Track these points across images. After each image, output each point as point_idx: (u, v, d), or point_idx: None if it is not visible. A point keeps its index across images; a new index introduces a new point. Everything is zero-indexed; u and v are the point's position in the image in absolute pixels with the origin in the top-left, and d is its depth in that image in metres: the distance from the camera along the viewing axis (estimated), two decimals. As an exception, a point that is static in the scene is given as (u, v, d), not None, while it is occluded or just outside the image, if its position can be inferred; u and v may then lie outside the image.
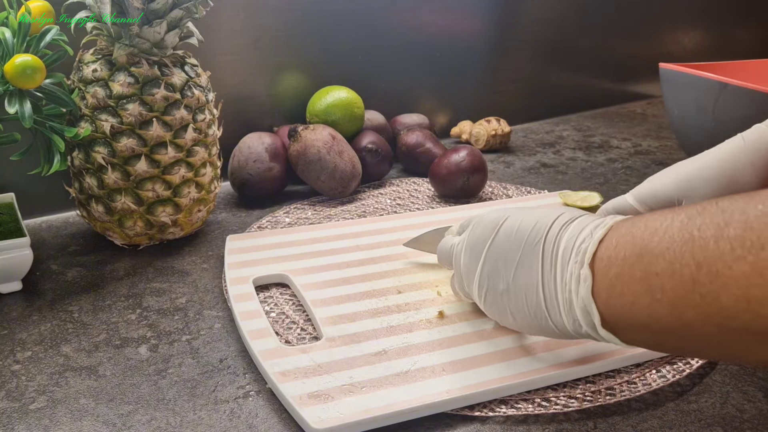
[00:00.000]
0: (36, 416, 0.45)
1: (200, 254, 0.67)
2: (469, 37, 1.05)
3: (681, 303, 0.34)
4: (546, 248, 0.43)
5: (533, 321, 0.44)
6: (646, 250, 0.36)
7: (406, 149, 0.89)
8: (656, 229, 0.36)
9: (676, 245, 0.34)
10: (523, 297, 0.44)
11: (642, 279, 0.36)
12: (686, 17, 1.34)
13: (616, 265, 0.38)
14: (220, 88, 0.80)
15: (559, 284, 0.42)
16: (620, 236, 0.38)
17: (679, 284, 0.34)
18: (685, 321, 0.34)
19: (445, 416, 0.45)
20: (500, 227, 0.47)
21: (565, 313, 0.42)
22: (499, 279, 0.45)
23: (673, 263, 0.34)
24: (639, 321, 0.37)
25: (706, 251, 0.33)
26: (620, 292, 0.37)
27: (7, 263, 0.57)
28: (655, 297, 0.35)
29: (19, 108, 0.53)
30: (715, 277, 0.32)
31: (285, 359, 0.48)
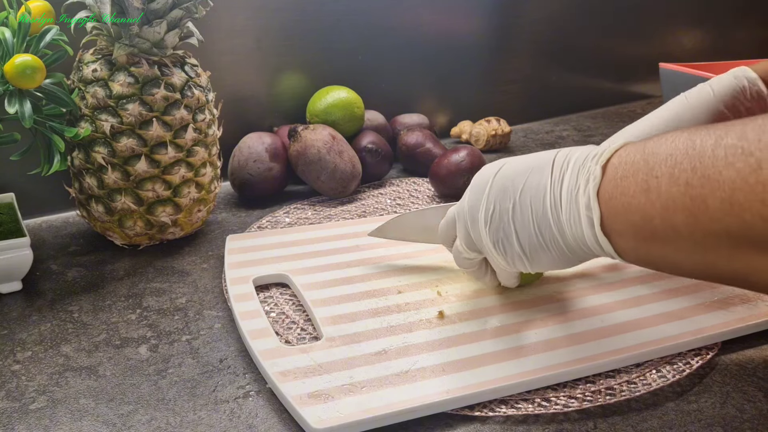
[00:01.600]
0: (36, 416, 0.45)
1: (200, 254, 0.67)
2: (469, 37, 1.05)
3: (672, 205, 0.37)
4: (555, 165, 0.46)
5: (536, 234, 0.46)
6: (652, 156, 0.39)
7: (406, 149, 0.89)
8: (665, 140, 0.39)
9: (679, 152, 0.37)
10: (528, 210, 0.46)
11: (643, 181, 0.39)
12: (686, 17, 1.34)
13: (624, 168, 0.40)
14: (220, 88, 0.80)
15: (566, 187, 0.44)
16: (633, 147, 0.41)
17: (673, 187, 0.36)
18: (674, 223, 0.37)
19: (445, 416, 0.45)
20: (505, 163, 0.49)
21: (567, 215, 0.44)
22: (507, 198, 0.47)
23: (672, 168, 0.37)
24: (632, 223, 0.39)
25: (702, 157, 0.35)
26: (622, 191, 0.40)
27: (7, 263, 0.57)
28: (650, 198, 0.38)
29: (19, 108, 0.53)
30: (706, 180, 0.35)
31: (285, 359, 0.48)
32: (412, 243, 0.66)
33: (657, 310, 0.55)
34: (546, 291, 0.58)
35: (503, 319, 0.53)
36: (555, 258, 0.47)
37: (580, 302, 0.56)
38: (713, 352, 0.52)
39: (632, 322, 0.53)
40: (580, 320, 0.54)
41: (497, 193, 0.48)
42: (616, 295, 0.57)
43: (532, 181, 0.46)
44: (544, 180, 0.46)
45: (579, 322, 0.53)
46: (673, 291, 0.58)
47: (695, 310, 0.55)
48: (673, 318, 0.54)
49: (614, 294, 0.57)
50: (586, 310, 0.55)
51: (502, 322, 0.53)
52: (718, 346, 0.52)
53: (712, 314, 0.54)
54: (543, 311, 0.55)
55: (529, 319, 0.54)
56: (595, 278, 0.60)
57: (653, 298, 0.57)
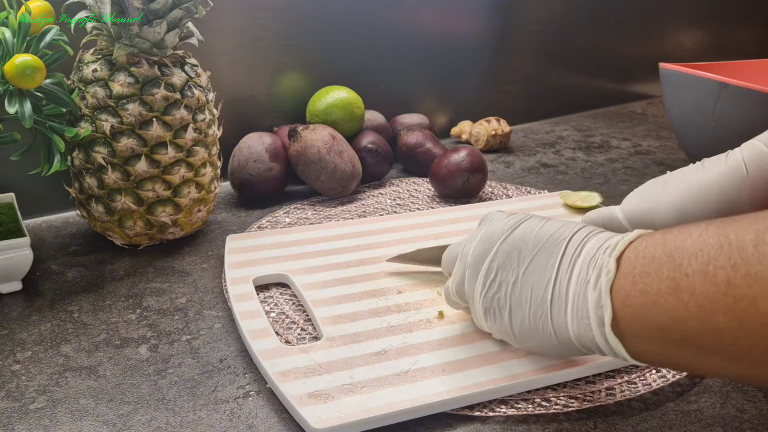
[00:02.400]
0: (36, 416, 0.45)
1: (200, 254, 0.67)
2: (469, 37, 1.05)
3: (711, 306, 0.32)
4: (569, 247, 0.42)
5: (530, 321, 0.42)
6: (678, 252, 0.34)
7: (406, 149, 0.89)
8: (690, 233, 0.34)
9: (711, 248, 0.33)
10: (529, 291, 0.42)
11: (669, 279, 0.34)
12: (686, 17, 1.34)
13: (643, 264, 0.36)
14: (220, 88, 0.80)
15: (575, 280, 0.40)
16: (651, 240, 0.37)
17: (711, 286, 0.32)
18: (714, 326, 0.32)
19: (445, 416, 0.45)
20: (520, 224, 0.45)
21: (572, 311, 0.40)
22: (510, 270, 0.44)
23: (706, 264, 0.32)
24: (657, 324, 0.35)
25: (744, 254, 0.31)
26: (642, 290, 0.35)
27: (7, 263, 0.57)
28: (681, 298, 0.33)
29: (19, 108, 0.53)
30: (754, 280, 0.30)
31: (285, 359, 0.48)
32: (412, 243, 0.66)
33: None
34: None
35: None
36: (544, 347, 0.44)
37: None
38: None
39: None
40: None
41: (503, 259, 0.44)
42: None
43: (539, 262, 0.42)
44: (553, 264, 0.42)
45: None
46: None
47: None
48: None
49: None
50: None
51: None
52: (718, 346, 0.52)
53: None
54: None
55: (529, 319, 0.54)
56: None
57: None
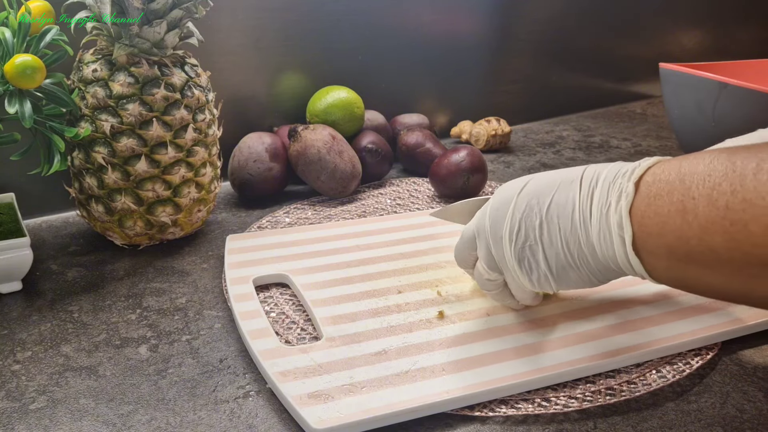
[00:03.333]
0: (36, 416, 0.45)
1: (200, 254, 0.67)
2: (470, 37, 1.05)
3: (711, 227, 0.36)
4: (584, 181, 0.45)
5: (564, 252, 0.45)
6: (689, 176, 0.38)
7: (406, 149, 0.89)
8: (703, 159, 0.38)
9: (717, 173, 0.36)
10: (556, 226, 0.45)
11: (679, 201, 0.38)
12: (686, 17, 1.34)
13: (658, 187, 0.40)
14: (220, 88, 0.80)
15: (596, 204, 0.43)
16: (668, 165, 0.40)
17: (712, 209, 0.36)
18: (712, 246, 0.36)
19: (445, 416, 0.45)
20: (530, 179, 0.48)
21: (596, 233, 0.43)
22: (533, 215, 0.46)
23: (711, 189, 0.36)
24: (666, 244, 0.38)
25: (743, 180, 0.34)
26: (656, 211, 0.39)
27: (7, 263, 0.57)
28: (687, 219, 0.37)
29: (19, 108, 0.53)
30: (747, 205, 0.34)
31: (285, 359, 0.48)
32: (412, 243, 0.66)
33: (657, 310, 0.55)
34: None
35: (503, 319, 0.53)
36: (583, 277, 0.46)
37: (579, 302, 0.56)
38: (713, 352, 0.52)
39: (632, 322, 0.53)
40: (580, 320, 0.54)
41: (523, 210, 0.46)
42: (616, 295, 0.57)
43: (559, 198, 0.45)
44: (572, 196, 0.45)
45: (579, 322, 0.53)
46: (674, 291, 0.58)
47: (695, 310, 0.55)
48: (673, 318, 0.54)
49: (614, 294, 0.57)
50: (586, 310, 0.55)
51: (502, 322, 0.53)
52: (718, 346, 0.52)
53: (712, 314, 0.54)
54: (543, 311, 0.55)
55: (529, 319, 0.54)
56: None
57: (653, 298, 0.57)
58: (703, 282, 0.39)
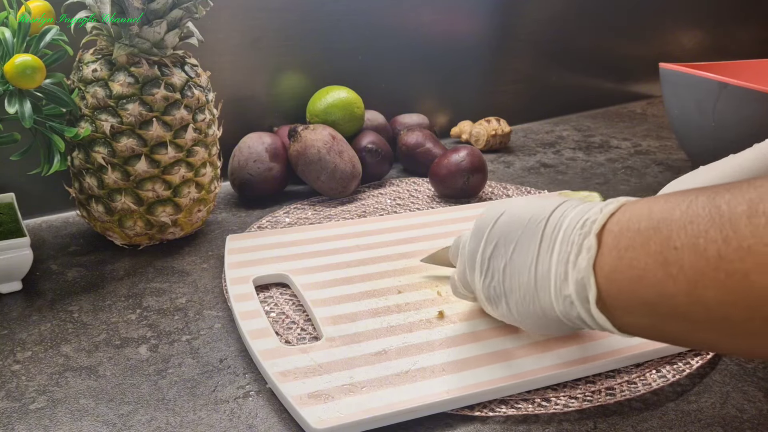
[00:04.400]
0: (36, 416, 0.45)
1: (200, 254, 0.67)
2: (470, 37, 1.05)
3: (701, 281, 0.31)
4: (547, 227, 0.41)
5: (522, 304, 0.43)
6: (665, 224, 0.33)
7: (406, 149, 0.89)
8: (678, 204, 0.33)
9: (701, 219, 0.31)
10: (516, 275, 0.42)
11: (657, 252, 0.33)
12: (686, 17, 1.34)
13: (628, 237, 0.35)
14: (220, 88, 0.80)
15: (555, 259, 0.39)
16: (635, 211, 0.36)
17: (701, 260, 0.31)
18: (704, 301, 0.31)
19: (445, 416, 0.45)
20: (504, 212, 0.45)
21: (555, 291, 0.39)
22: (499, 257, 0.44)
23: (696, 237, 0.31)
24: (644, 299, 0.34)
25: (736, 226, 0.30)
26: (628, 264, 0.34)
27: (7, 263, 0.57)
28: (670, 272, 0.32)
29: (19, 108, 0.53)
30: (746, 253, 0.29)
31: (285, 359, 0.48)
32: (412, 243, 0.66)
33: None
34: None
35: (503, 319, 0.54)
36: (547, 327, 0.43)
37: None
38: (713, 352, 0.52)
39: (632, 322, 0.53)
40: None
41: (492, 249, 0.45)
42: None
43: (523, 243, 0.42)
44: (534, 246, 0.41)
45: (579, 322, 0.53)
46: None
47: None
48: (673, 318, 0.54)
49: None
50: (586, 310, 0.55)
51: (501, 322, 0.53)
52: (718, 346, 0.52)
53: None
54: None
55: (529, 319, 0.54)
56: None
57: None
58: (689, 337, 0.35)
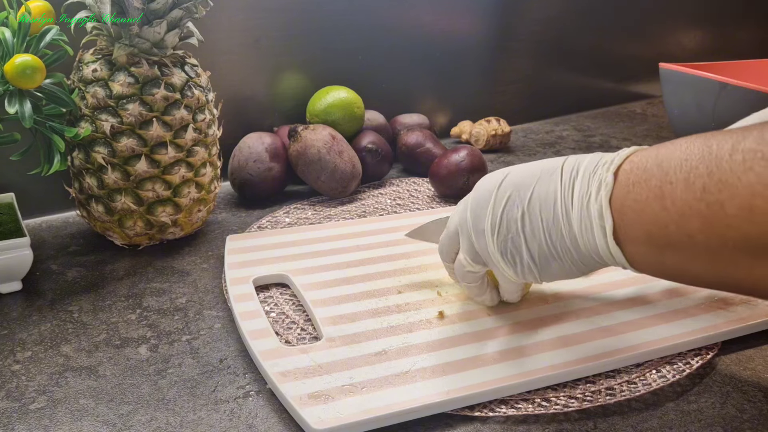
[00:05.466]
0: (36, 416, 0.45)
1: (200, 254, 0.67)
2: (470, 37, 1.05)
3: (688, 211, 0.35)
4: (565, 170, 0.44)
5: (547, 243, 0.45)
6: (666, 162, 0.37)
7: (406, 149, 0.89)
8: (680, 145, 0.37)
9: (694, 157, 0.36)
10: (538, 218, 0.45)
11: (656, 187, 0.37)
12: (686, 17, 1.34)
13: (636, 174, 0.39)
14: (220, 88, 0.80)
15: (577, 195, 0.43)
16: (646, 152, 0.40)
17: (689, 193, 0.35)
18: (689, 230, 0.35)
19: (445, 416, 0.45)
20: (509, 173, 0.48)
21: (577, 224, 0.43)
22: (514, 207, 0.46)
23: (688, 173, 0.36)
24: (645, 231, 0.38)
25: (719, 161, 0.34)
26: (634, 198, 0.39)
27: (7, 263, 0.57)
28: (664, 204, 0.37)
29: (19, 108, 0.53)
30: (723, 186, 0.33)
31: (285, 359, 0.48)
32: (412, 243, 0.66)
33: (657, 310, 0.55)
34: (545, 291, 0.58)
35: (503, 320, 0.53)
36: (566, 267, 0.46)
37: (579, 302, 0.56)
38: (713, 352, 0.52)
39: (632, 322, 0.53)
40: (579, 320, 0.54)
41: (504, 202, 0.46)
42: (615, 295, 0.57)
43: (540, 189, 0.45)
44: (554, 187, 0.44)
45: (579, 322, 0.53)
46: (673, 291, 0.58)
47: (695, 310, 0.55)
48: (673, 318, 0.54)
49: (614, 294, 0.57)
50: (585, 310, 0.55)
51: (501, 322, 0.53)
52: (718, 346, 0.52)
53: (712, 314, 0.54)
54: (543, 311, 0.55)
55: (528, 319, 0.54)
56: (594, 278, 0.60)
57: (653, 297, 0.57)
58: (682, 269, 0.39)
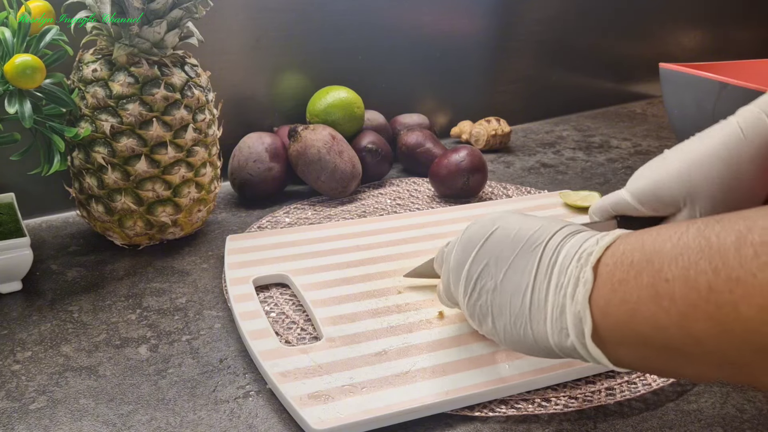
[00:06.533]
0: (36, 416, 0.45)
1: (200, 254, 0.67)
2: (470, 37, 1.05)
3: (692, 313, 0.31)
4: (545, 253, 0.40)
5: (512, 328, 0.41)
6: (657, 256, 0.33)
7: (406, 149, 0.89)
8: (669, 236, 0.33)
9: (691, 251, 0.32)
10: (508, 299, 0.41)
11: (649, 285, 0.33)
12: (686, 17, 1.34)
13: (622, 271, 0.35)
14: (220, 88, 0.80)
15: (552, 289, 0.39)
16: (629, 243, 0.36)
17: (692, 292, 0.31)
18: (695, 334, 0.31)
19: (445, 416, 0.45)
20: (498, 228, 0.44)
21: (551, 322, 0.38)
22: (488, 277, 0.42)
23: (687, 269, 0.32)
24: (638, 333, 0.34)
25: (725, 257, 0.30)
26: (622, 298, 0.34)
27: (7, 263, 0.57)
28: (662, 305, 0.32)
29: (19, 108, 0.53)
30: (735, 285, 0.30)
31: (285, 359, 0.48)
32: (412, 243, 0.66)
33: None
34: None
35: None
36: (530, 352, 0.42)
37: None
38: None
39: (632, 322, 0.53)
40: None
41: (481, 268, 0.43)
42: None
43: (517, 268, 0.41)
44: (529, 272, 0.40)
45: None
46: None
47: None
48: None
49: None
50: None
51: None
52: (718, 347, 0.52)
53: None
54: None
55: (529, 319, 0.54)
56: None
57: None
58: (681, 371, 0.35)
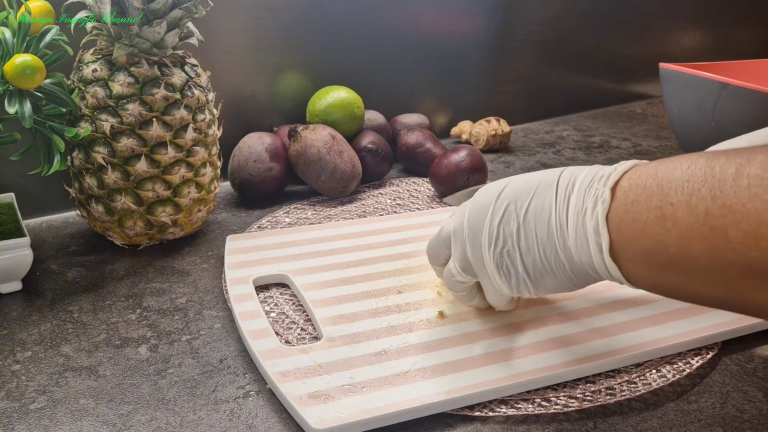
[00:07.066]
0: (36, 416, 0.45)
1: (200, 254, 0.67)
2: (469, 37, 1.05)
3: (690, 234, 0.35)
4: (560, 186, 0.44)
5: (542, 258, 0.44)
6: (667, 181, 0.37)
7: (406, 149, 0.89)
8: (680, 164, 0.37)
9: (696, 179, 0.35)
10: (533, 232, 0.44)
11: (657, 207, 0.37)
12: (686, 17, 1.34)
13: (635, 193, 0.39)
14: (220, 88, 0.80)
15: (572, 210, 0.42)
16: (644, 170, 0.40)
17: (691, 215, 0.35)
18: (692, 253, 0.35)
19: (445, 416, 0.45)
20: (508, 183, 0.47)
21: (573, 239, 0.42)
22: (511, 221, 0.46)
23: (690, 195, 0.35)
24: (645, 249, 0.38)
25: (723, 187, 0.34)
26: (633, 217, 0.38)
27: (7, 263, 0.57)
28: (666, 226, 0.36)
29: (19, 108, 0.53)
30: (728, 211, 0.33)
31: (285, 359, 0.48)
32: (412, 243, 0.66)
33: (657, 309, 0.55)
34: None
35: (503, 319, 0.53)
36: (561, 282, 0.45)
37: (579, 302, 0.56)
38: (713, 352, 0.52)
39: (632, 322, 0.53)
40: (580, 320, 0.54)
41: (501, 215, 0.46)
42: (616, 295, 0.57)
43: (537, 203, 0.45)
44: (549, 201, 0.44)
45: (579, 322, 0.53)
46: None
47: (695, 310, 0.55)
48: (673, 318, 0.54)
49: (614, 294, 0.57)
50: (585, 310, 0.55)
51: (501, 322, 0.53)
52: (718, 346, 0.52)
53: (713, 314, 0.54)
54: (543, 311, 0.55)
55: (528, 319, 0.54)
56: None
57: (653, 297, 0.57)
58: (682, 289, 0.38)
